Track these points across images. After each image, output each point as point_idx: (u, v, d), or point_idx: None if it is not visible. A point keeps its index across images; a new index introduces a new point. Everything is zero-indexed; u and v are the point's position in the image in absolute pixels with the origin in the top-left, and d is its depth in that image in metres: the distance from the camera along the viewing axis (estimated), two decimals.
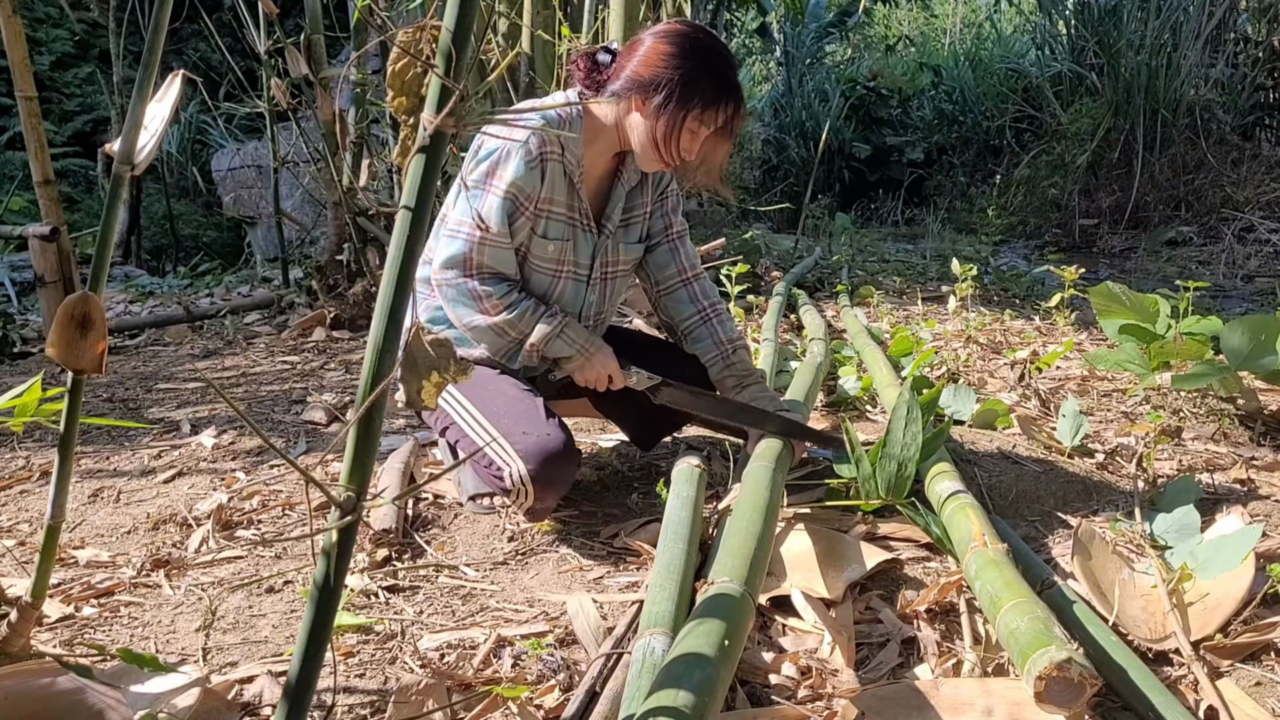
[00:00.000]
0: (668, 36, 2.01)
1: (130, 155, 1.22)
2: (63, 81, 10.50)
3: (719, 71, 2.00)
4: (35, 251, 3.63)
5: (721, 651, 1.21)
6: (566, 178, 2.09)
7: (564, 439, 2.00)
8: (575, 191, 2.11)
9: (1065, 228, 9.13)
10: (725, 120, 2.03)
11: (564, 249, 2.14)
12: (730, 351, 2.27)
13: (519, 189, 2.02)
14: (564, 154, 2.06)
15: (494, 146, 2.03)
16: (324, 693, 1.48)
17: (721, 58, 2.02)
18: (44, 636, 1.69)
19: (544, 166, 2.04)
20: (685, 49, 1.98)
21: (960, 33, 14.06)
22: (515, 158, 2.01)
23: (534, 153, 2.01)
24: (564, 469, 2.00)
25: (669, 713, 1.07)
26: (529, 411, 2.06)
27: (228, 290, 6.34)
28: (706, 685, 1.14)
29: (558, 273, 2.15)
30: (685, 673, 1.16)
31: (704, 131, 2.03)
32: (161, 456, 2.73)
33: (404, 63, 0.95)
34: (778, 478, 1.90)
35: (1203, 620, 1.62)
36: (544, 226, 2.10)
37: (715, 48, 2.02)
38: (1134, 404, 3.04)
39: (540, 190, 2.05)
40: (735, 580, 1.41)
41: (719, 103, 2.00)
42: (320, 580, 0.93)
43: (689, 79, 1.97)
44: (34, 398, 1.39)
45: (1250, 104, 9.01)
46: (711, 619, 1.29)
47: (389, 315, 0.90)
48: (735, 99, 2.02)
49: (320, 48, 4.57)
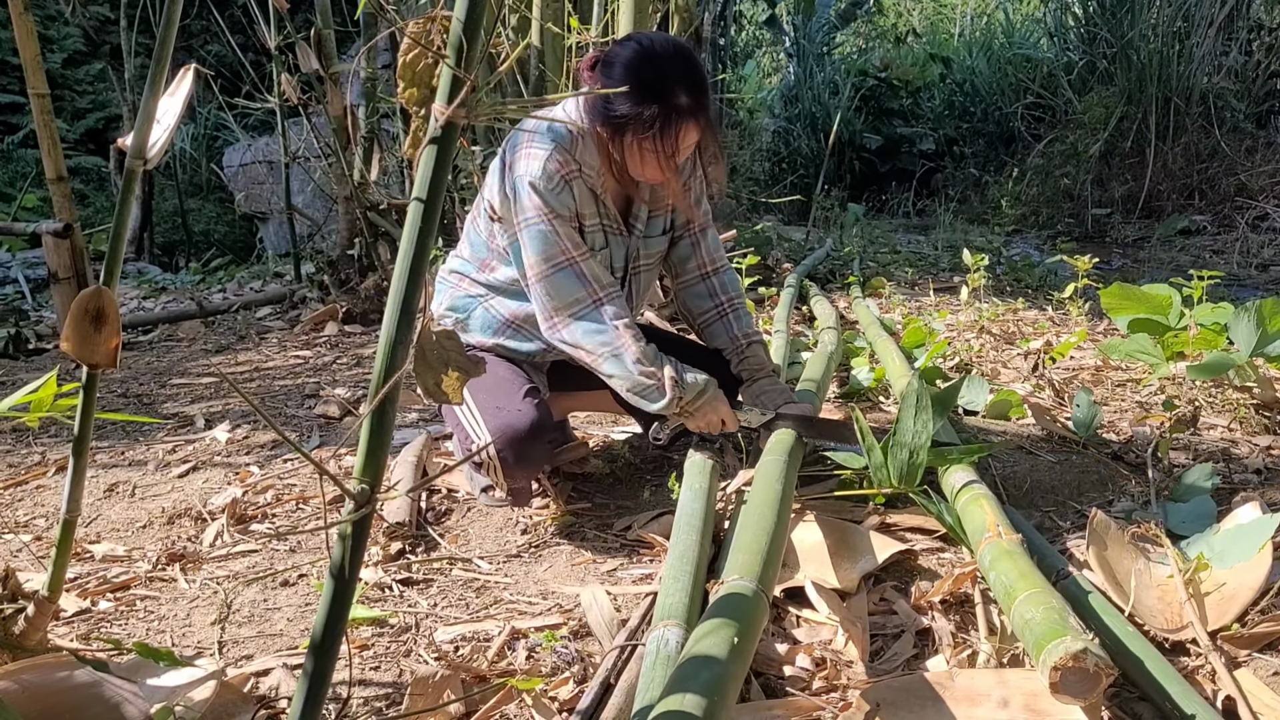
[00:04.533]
0: (606, 66, 1.97)
1: (142, 150, 1.22)
2: (74, 79, 10.52)
3: (654, 98, 1.92)
4: (49, 248, 3.65)
5: (733, 650, 1.21)
6: (589, 190, 2.08)
7: (534, 418, 2.00)
8: (600, 200, 2.11)
9: (1078, 217, 9.08)
10: (670, 143, 1.96)
11: (608, 256, 2.15)
12: (745, 346, 2.28)
13: (559, 213, 2.01)
14: (582, 170, 2.05)
15: (518, 180, 2.00)
16: (339, 685, 1.49)
17: (656, 87, 1.92)
18: (61, 630, 1.70)
19: (570, 187, 2.02)
20: (619, 79, 1.93)
21: (971, 22, 13.98)
22: (539, 187, 1.98)
23: (555, 176, 2.00)
24: (530, 447, 2.00)
25: (680, 715, 1.07)
26: (508, 389, 2.08)
27: (240, 286, 6.36)
28: (716, 684, 1.13)
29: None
30: (694, 674, 1.15)
31: (649, 156, 1.98)
32: (176, 451, 2.74)
33: (415, 54, 0.94)
34: (790, 471, 1.89)
35: (1219, 610, 1.61)
36: (590, 239, 2.10)
37: (652, 74, 1.93)
38: (1148, 393, 3.02)
39: (575, 206, 2.05)
40: (748, 577, 1.41)
41: (654, 128, 1.93)
42: (335, 573, 0.93)
43: (619, 112, 1.94)
44: (49, 393, 1.39)
45: (1264, 91, 8.94)
46: (723, 618, 1.28)
47: (401, 308, 0.90)
48: (670, 124, 1.93)
49: (330, 43, 4.57)
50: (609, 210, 2.13)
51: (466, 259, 2.25)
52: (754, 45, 14.22)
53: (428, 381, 0.92)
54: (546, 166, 1.99)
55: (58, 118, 3.89)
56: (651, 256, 2.28)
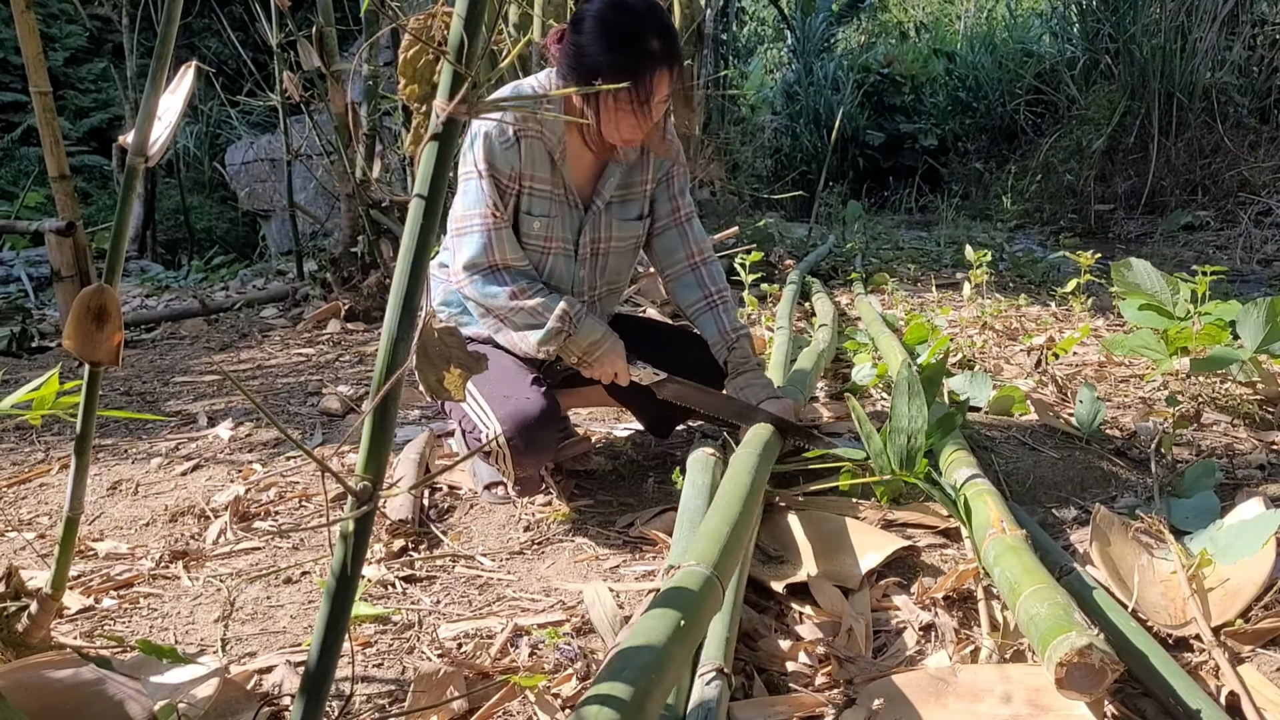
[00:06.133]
0: (575, 24, 2.00)
1: (144, 147, 1.22)
2: (77, 77, 10.54)
3: (627, 45, 1.95)
4: (51, 246, 3.65)
5: (676, 632, 1.17)
6: (547, 154, 2.09)
7: (543, 405, 2.02)
8: (557, 169, 2.12)
9: (1081, 213, 9.07)
10: (644, 89, 1.97)
11: (549, 225, 2.15)
12: (734, 340, 2.28)
13: (497, 169, 2.04)
14: (543, 132, 2.07)
15: (473, 131, 2.05)
16: (342, 682, 1.49)
17: (628, 32, 1.95)
18: (64, 628, 1.70)
19: (520, 143, 2.05)
20: (590, 31, 1.96)
21: (974, 17, 13.95)
22: (490, 138, 2.03)
23: (507, 131, 2.03)
24: (541, 434, 2.03)
25: (608, 699, 1.04)
26: (515, 379, 2.09)
27: (242, 284, 6.36)
28: (652, 666, 1.11)
29: (545, 249, 2.16)
30: (631, 659, 1.12)
31: (623, 110, 2.00)
32: (179, 449, 2.74)
33: (416, 50, 0.94)
34: (761, 464, 1.89)
35: (1223, 606, 1.61)
36: (528, 203, 2.11)
37: (623, 21, 1.96)
38: (1152, 389, 3.02)
39: (519, 166, 2.06)
40: (703, 564, 1.36)
41: (629, 74, 1.94)
42: (337, 570, 0.93)
43: (593, 61, 1.96)
44: (52, 391, 1.39)
45: (1267, 86, 8.91)
46: (669, 604, 1.24)
47: (403, 304, 0.90)
48: (644, 70, 1.95)
49: (332, 40, 4.57)
50: (565, 180, 2.14)
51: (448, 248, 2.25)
52: (756, 41, 14.20)
53: (430, 378, 0.92)
54: (501, 119, 2.00)
55: (60, 116, 3.89)
56: (621, 239, 2.27)
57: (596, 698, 1.03)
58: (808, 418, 2.70)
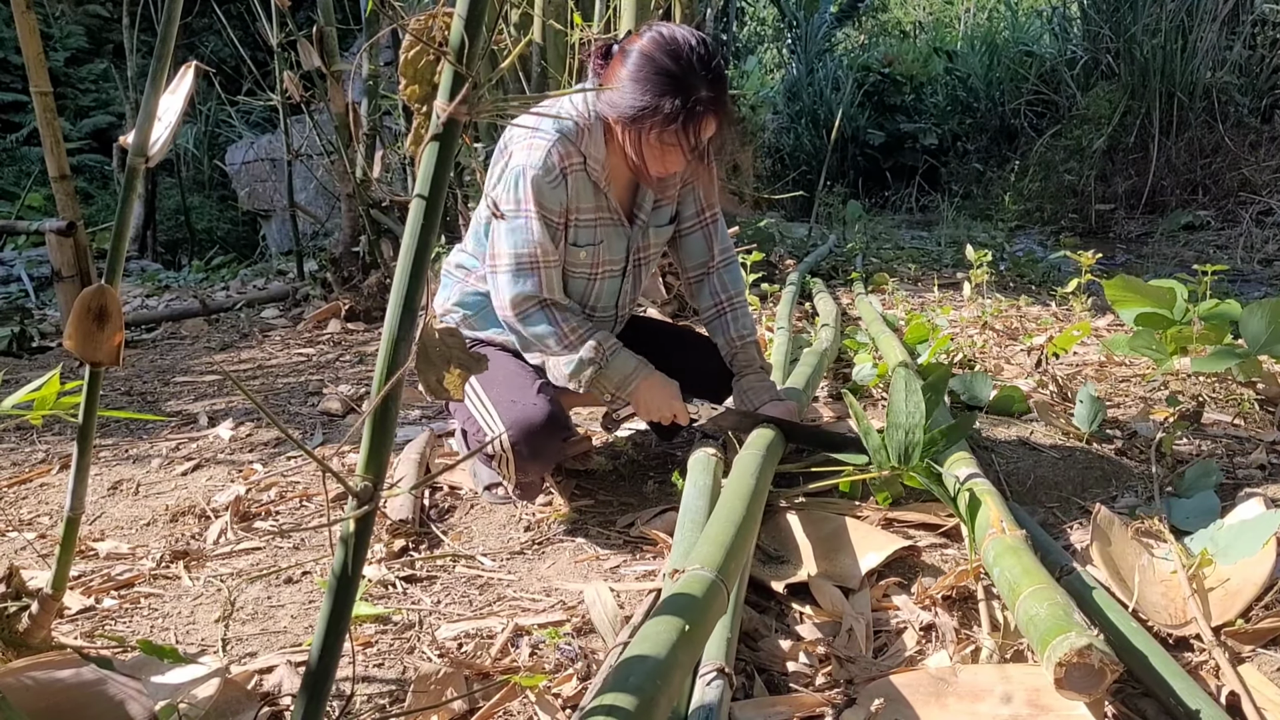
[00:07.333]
0: (626, 56, 1.94)
1: (144, 147, 1.22)
2: (77, 77, 10.53)
3: (675, 92, 1.89)
4: (52, 246, 3.65)
5: (681, 638, 1.17)
6: (591, 183, 2.08)
7: (548, 411, 2.02)
8: (602, 192, 2.11)
9: (1081, 213, 9.06)
10: (693, 136, 1.94)
11: (596, 252, 2.14)
12: (740, 347, 2.30)
13: (546, 209, 2.01)
14: (586, 163, 2.04)
15: (516, 168, 2.01)
16: (343, 682, 1.49)
17: (677, 80, 1.89)
18: (65, 628, 1.70)
19: (566, 180, 2.02)
20: (638, 68, 1.91)
21: (974, 17, 13.94)
22: (538, 179, 1.99)
23: (555, 169, 2.00)
24: (545, 440, 2.02)
25: (614, 710, 1.04)
26: (520, 384, 2.09)
27: (243, 283, 6.36)
28: (658, 673, 1.10)
29: (593, 275, 2.16)
30: (637, 666, 1.11)
31: (670, 149, 1.97)
32: (179, 449, 2.74)
33: (416, 50, 0.94)
34: (765, 466, 1.90)
35: (1223, 606, 1.61)
36: (574, 234, 2.10)
37: (674, 67, 1.90)
38: (1152, 389, 3.02)
39: (566, 202, 2.04)
40: (708, 567, 1.36)
41: (675, 121, 1.90)
42: (338, 570, 0.93)
43: (638, 103, 1.91)
44: (52, 391, 1.39)
45: (1268, 86, 8.90)
46: (674, 609, 1.24)
47: (404, 304, 0.90)
48: (694, 117, 1.91)
49: (332, 40, 4.57)
50: (610, 202, 2.13)
51: (472, 254, 2.24)
52: (756, 41, 14.19)
53: (430, 378, 0.92)
54: (548, 158, 1.98)
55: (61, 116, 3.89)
56: (656, 246, 2.29)
57: (602, 708, 1.03)
58: (808, 417, 2.70)
